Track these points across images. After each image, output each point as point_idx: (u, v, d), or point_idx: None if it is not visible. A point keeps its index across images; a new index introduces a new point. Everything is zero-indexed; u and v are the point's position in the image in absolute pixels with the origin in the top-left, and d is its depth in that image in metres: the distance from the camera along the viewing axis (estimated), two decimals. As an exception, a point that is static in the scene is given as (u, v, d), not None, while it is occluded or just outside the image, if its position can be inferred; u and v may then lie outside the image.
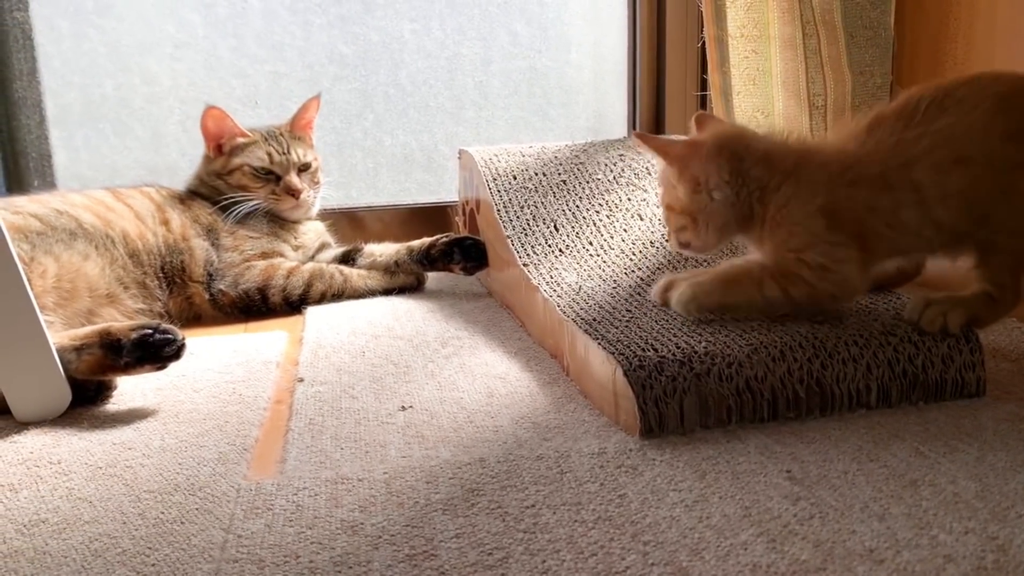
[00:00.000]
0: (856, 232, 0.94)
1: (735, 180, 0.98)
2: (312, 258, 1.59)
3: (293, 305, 1.46)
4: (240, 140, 1.57)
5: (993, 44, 1.44)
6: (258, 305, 1.45)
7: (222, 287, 1.44)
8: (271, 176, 1.57)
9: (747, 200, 0.98)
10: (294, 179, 1.57)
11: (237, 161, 1.56)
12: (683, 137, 1.23)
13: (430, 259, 1.53)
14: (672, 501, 0.73)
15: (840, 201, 0.94)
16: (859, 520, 0.69)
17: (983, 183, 0.93)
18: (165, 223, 1.45)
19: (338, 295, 1.49)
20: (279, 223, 1.58)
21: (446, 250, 1.52)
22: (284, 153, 1.58)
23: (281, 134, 1.60)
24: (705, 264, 1.21)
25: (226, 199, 1.52)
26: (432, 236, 1.55)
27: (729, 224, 1.00)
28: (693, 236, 1.02)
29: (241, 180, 1.55)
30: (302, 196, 1.57)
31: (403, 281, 1.55)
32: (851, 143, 0.98)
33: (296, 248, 1.57)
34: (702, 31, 1.70)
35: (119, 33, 1.78)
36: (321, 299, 1.47)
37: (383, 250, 1.59)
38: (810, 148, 1.01)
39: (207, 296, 1.44)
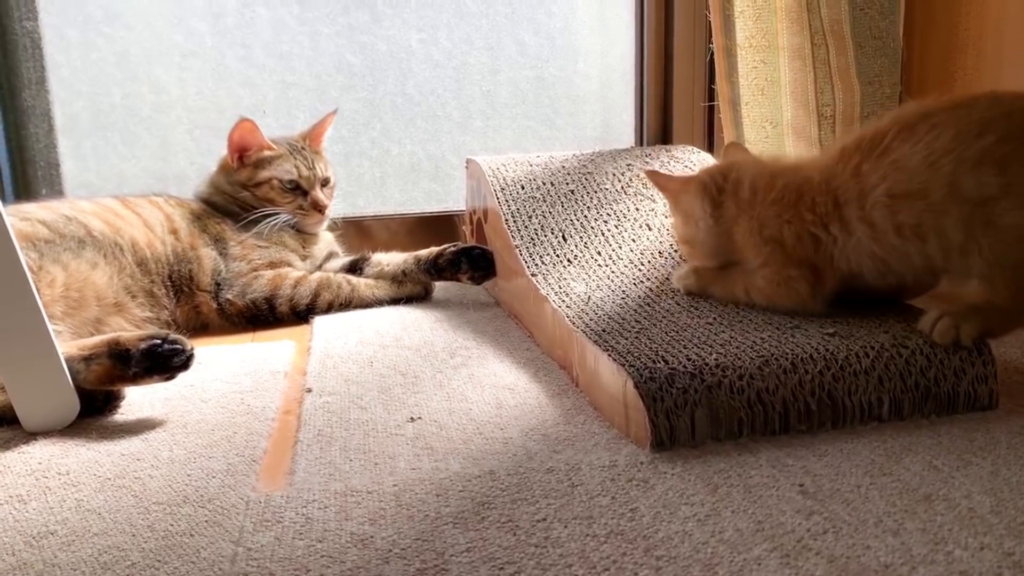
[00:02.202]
0: (804, 258, 1.03)
1: (717, 215, 1.12)
2: (320, 267, 1.59)
3: (300, 315, 1.46)
4: (267, 153, 1.57)
5: (1002, 54, 1.44)
6: (265, 315, 1.45)
7: (230, 296, 1.44)
8: (298, 190, 1.57)
9: (726, 230, 1.11)
10: (320, 194, 1.59)
11: (265, 174, 1.56)
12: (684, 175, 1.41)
13: (438, 268, 1.53)
14: (684, 515, 0.73)
15: (786, 238, 1.04)
16: (873, 535, 0.68)
17: (948, 216, 0.90)
18: (174, 232, 1.45)
19: (345, 305, 1.49)
20: (289, 232, 1.58)
21: (454, 259, 1.52)
22: (311, 168, 1.59)
23: (303, 147, 1.61)
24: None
25: (255, 214, 1.53)
26: (439, 245, 1.55)
27: (718, 250, 1.14)
28: (692, 257, 1.20)
29: (268, 193, 1.56)
30: (326, 211, 1.59)
31: (410, 290, 1.54)
32: (818, 171, 1.03)
33: (304, 258, 1.57)
34: (710, 41, 1.70)
35: (127, 42, 1.78)
36: (328, 309, 1.47)
37: (390, 259, 1.59)
38: (769, 181, 1.08)
39: (215, 305, 1.44)
